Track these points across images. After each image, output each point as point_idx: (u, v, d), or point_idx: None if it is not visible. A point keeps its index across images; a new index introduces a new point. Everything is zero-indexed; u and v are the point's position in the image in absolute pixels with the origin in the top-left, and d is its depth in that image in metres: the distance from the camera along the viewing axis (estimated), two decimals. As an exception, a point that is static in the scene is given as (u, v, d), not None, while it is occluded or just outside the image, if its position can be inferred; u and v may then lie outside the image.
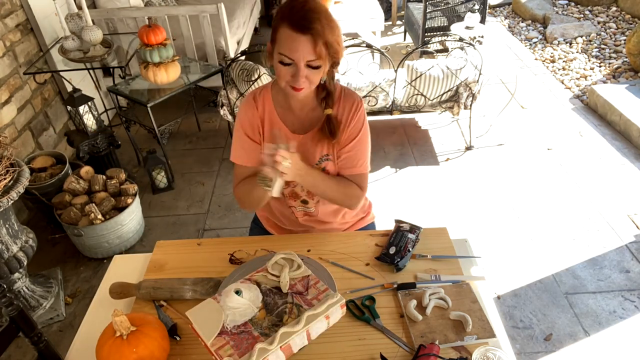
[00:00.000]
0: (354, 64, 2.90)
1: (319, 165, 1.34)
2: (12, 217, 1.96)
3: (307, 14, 1.11)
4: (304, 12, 1.11)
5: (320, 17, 1.12)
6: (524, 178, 2.95)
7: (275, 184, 1.11)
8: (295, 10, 1.12)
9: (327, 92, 1.28)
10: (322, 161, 1.34)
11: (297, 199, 1.44)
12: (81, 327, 1.20)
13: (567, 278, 2.29)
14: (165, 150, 3.01)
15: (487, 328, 1.10)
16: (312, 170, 1.27)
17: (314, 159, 1.33)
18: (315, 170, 1.30)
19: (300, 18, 1.11)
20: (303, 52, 1.12)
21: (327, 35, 1.12)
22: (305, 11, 1.11)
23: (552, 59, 4.32)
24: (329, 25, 1.13)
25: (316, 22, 1.11)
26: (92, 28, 2.83)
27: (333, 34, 1.14)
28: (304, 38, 1.11)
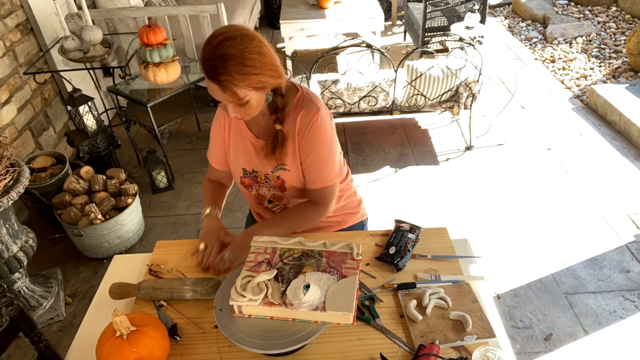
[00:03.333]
0: (354, 64, 2.90)
1: (274, 173, 1.35)
2: (12, 217, 1.96)
3: (215, 64, 1.07)
4: (212, 60, 1.07)
5: (228, 65, 1.07)
6: (524, 178, 2.95)
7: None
8: (206, 58, 1.08)
9: (275, 108, 1.26)
10: (276, 170, 1.35)
11: (264, 200, 1.47)
12: (81, 327, 1.20)
13: (567, 278, 2.29)
14: (165, 150, 3.01)
15: (487, 328, 1.10)
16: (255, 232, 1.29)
17: (269, 167, 1.35)
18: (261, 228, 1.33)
19: (209, 68, 1.08)
20: (219, 96, 1.13)
21: (238, 83, 1.09)
22: (214, 60, 1.07)
23: (552, 59, 4.32)
24: (240, 72, 1.08)
25: (223, 73, 1.07)
26: (92, 28, 2.83)
27: (246, 79, 1.09)
28: (216, 86, 1.10)
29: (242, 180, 1.43)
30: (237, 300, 1.02)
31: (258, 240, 1.19)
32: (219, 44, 1.07)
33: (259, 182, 1.41)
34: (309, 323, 1.03)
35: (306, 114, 1.25)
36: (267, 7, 5.50)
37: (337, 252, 1.15)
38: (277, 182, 1.37)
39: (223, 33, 1.09)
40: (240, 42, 1.08)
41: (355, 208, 1.58)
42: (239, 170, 1.42)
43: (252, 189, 1.44)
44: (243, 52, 1.08)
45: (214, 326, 1.15)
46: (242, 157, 1.38)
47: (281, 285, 1.06)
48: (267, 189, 1.41)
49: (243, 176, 1.42)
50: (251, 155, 1.36)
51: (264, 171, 1.37)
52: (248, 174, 1.41)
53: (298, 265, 1.11)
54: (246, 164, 1.39)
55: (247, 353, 1.06)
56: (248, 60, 1.08)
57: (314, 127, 1.26)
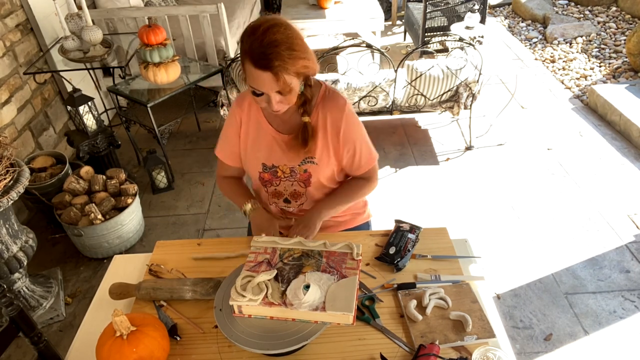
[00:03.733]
0: (354, 64, 2.90)
1: (301, 166, 1.35)
2: (12, 217, 1.96)
3: (266, 50, 1.07)
4: (262, 48, 1.07)
5: (279, 50, 1.08)
6: (524, 178, 2.95)
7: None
8: (255, 47, 1.08)
9: (305, 100, 1.27)
10: (304, 163, 1.35)
11: (279, 198, 1.45)
12: (81, 327, 1.20)
13: (567, 278, 2.29)
14: (165, 150, 3.01)
15: (487, 328, 1.10)
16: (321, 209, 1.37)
17: (296, 160, 1.34)
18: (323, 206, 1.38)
19: (259, 56, 1.08)
20: (269, 86, 1.13)
21: (289, 68, 1.10)
22: (264, 47, 1.07)
23: (552, 59, 4.32)
24: (291, 56, 1.09)
25: (276, 59, 1.08)
26: (92, 28, 2.83)
27: (296, 63, 1.11)
28: (267, 74, 1.10)
29: (261, 176, 1.41)
30: (237, 300, 1.02)
31: (258, 240, 1.19)
32: (265, 32, 1.08)
33: (279, 177, 1.39)
34: (309, 323, 1.03)
35: (336, 107, 1.29)
36: (267, 7, 5.50)
37: (337, 252, 1.15)
38: (303, 176, 1.37)
39: (266, 21, 1.10)
40: (286, 28, 1.10)
41: (361, 208, 1.59)
42: (258, 165, 1.39)
43: (270, 185, 1.43)
44: (290, 37, 1.10)
45: (214, 326, 1.15)
46: (263, 152, 1.37)
47: (281, 285, 1.06)
48: (290, 184, 1.40)
49: (262, 171, 1.40)
50: (273, 150, 1.35)
51: (289, 164, 1.36)
52: (268, 169, 1.39)
53: (298, 265, 1.11)
54: (266, 159, 1.37)
55: (247, 353, 1.06)
56: (295, 45, 1.10)
57: (348, 117, 1.30)
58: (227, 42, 3.47)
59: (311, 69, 1.17)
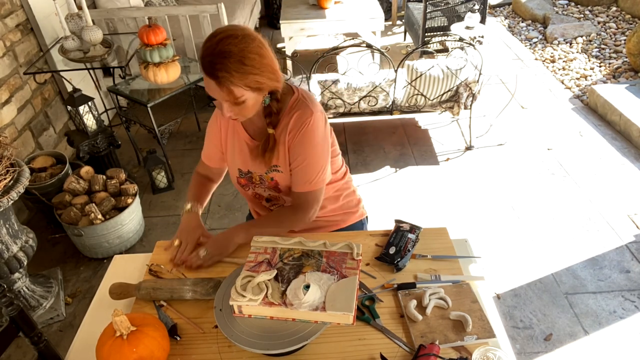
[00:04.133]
0: (354, 64, 2.90)
1: (268, 174, 1.35)
2: (12, 217, 1.96)
3: (214, 59, 1.07)
4: (212, 56, 1.07)
5: (227, 62, 1.07)
6: (524, 178, 2.95)
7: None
8: (206, 54, 1.08)
9: (270, 112, 1.26)
10: (270, 171, 1.35)
11: (261, 199, 1.47)
12: (81, 327, 1.20)
13: (567, 278, 2.29)
14: (165, 150, 3.01)
15: (487, 328, 1.10)
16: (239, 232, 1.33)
17: (263, 168, 1.35)
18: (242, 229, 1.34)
19: (208, 63, 1.08)
20: (215, 93, 1.13)
21: (235, 81, 1.08)
22: (214, 56, 1.07)
23: (552, 59, 4.32)
24: (238, 70, 1.08)
25: (221, 70, 1.07)
26: (92, 28, 2.83)
27: (244, 77, 1.09)
28: (213, 82, 1.10)
29: (239, 181, 1.44)
30: (237, 300, 1.02)
31: (258, 240, 1.19)
32: (219, 41, 1.08)
33: (254, 182, 1.41)
34: (309, 323, 1.03)
35: (299, 117, 1.25)
36: (267, 7, 5.50)
37: (337, 252, 1.15)
38: (271, 184, 1.38)
39: (225, 31, 1.10)
40: (242, 41, 1.08)
41: (354, 207, 1.58)
42: (235, 170, 1.42)
43: (248, 189, 1.45)
44: (243, 50, 1.08)
45: (214, 326, 1.15)
46: (238, 157, 1.39)
47: (281, 285, 1.06)
48: (263, 189, 1.42)
49: (239, 176, 1.43)
50: (246, 156, 1.37)
51: (258, 172, 1.37)
52: (244, 175, 1.41)
53: (298, 265, 1.11)
54: (242, 164, 1.39)
55: (247, 353, 1.06)
56: (247, 59, 1.08)
57: (304, 131, 1.25)
58: (227, 42, 3.46)
59: (266, 85, 1.15)
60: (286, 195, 1.41)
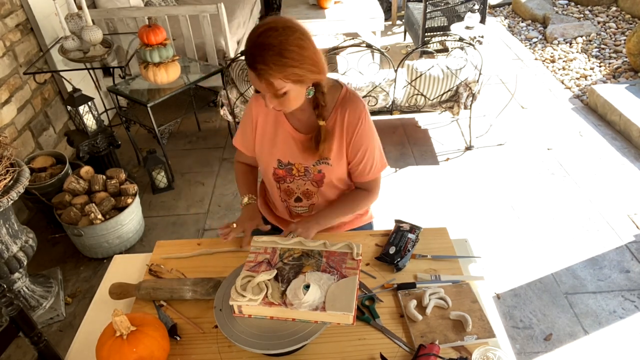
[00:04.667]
0: (354, 64, 2.90)
1: (316, 167, 1.35)
2: (12, 217, 1.96)
3: (255, 52, 1.09)
4: (252, 49, 1.09)
5: (265, 54, 1.08)
6: (524, 178, 2.95)
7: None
8: (248, 46, 1.10)
9: (317, 104, 1.26)
10: (318, 164, 1.35)
11: (291, 196, 1.45)
12: (81, 327, 1.20)
13: (567, 278, 2.29)
14: (165, 150, 3.01)
15: (487, 328, 1.10)
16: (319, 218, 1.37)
17: (311, 160, 1.34)
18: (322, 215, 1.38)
19: (249, 56, 1.10)
20: (257, 84, 1.15)
21: (273, 73, 1.09)
22: (254, 48, 1.09)
23: (552, 59, 4.32)
24: (277, 63, 1.08)
25: (260, 62, 1.08)
26: (92, 28, 2.83)
27: (283, 70, 1.09)
28: (254, 74, 1.12)
29: (276, 172, 1.41)
30: (237, 300, 1.02)
31: (258, 240, 1.19)
32: (261, 34, 1.09)
33: (293, 174, 1.39)
34: (309, 323, 1.03)
35: (354, 111, 1.29)
36: (267, 7, 5.50)
37: (337, 252, 1.15)
38: (317, 176, 1.37)
39: (267, 23, 1.11)
40: (282, 33, 1.09)
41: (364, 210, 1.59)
42: (274, 161, 1.39)
43: (283, 182, 1.43)
44: (282, 43, 1.09)
45: (214, 326, 1.15)
46: (280, 148, 1.37)
47: (281, 285, 1.06)
48: (303, 182, 1.40)
49: (277, 167, 1.40)
50: (289, 147, 1.35)
51: (304, 164, 1.36)
52: (283, 166, 1.39)
53: (298, 265, 1.11)
54: (282, 155, 1.37)
55: (247, 353, 1.06)
56: (287, 51, 1.09)
57: (363, 124, 1.30)
58: (227, 42, 3.47)
59: (307, 77, 1.16)
60: (325, 191, 1.41)
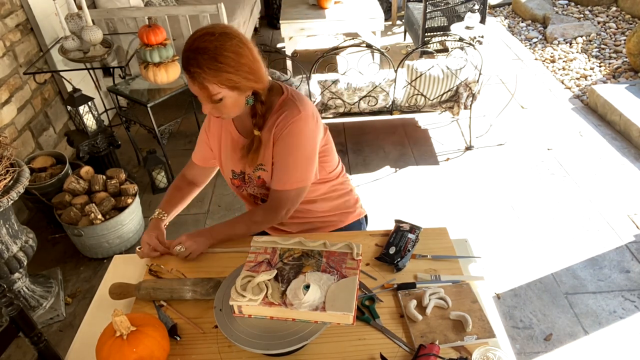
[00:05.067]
0: (354, 64, 2.90)
1: (255, 173, 1.35)
2: (12, 217, 1.96)
3: (190, 55, 1.09)
4: (188, 52, 1.10)
5: (200, 58, 1.08)
6: (524, 178, 2.95)
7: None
8: (185, 49, 1.11)
9: (254, 113, 1.26)
10: (256, 170, 1.35)
11: (256, 199, 1.46)
12: (81, 327, 1.20)
13: (567, 278, 2.29)
14: (165, 150, 3.01)
15: (487, 328, 1.10)
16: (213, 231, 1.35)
17: (251, 166, 1.35)
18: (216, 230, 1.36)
19: (184, 59, 1.11)
20: (191, 88, 1.15)
21: (207, 77, 1.09)
22: (190, 51, 1.10)
23: (552, 59, 4.32)
24: (211, 67, 1.08)
25: (194, 65, 1.09)
26: (92, 28, 2.83)
27: (217, 75, 1.09)
28: (188, 76, 1.12)
29: (233, 182, 1.44)
30: (237, 300, 1.02)
31: (258, 240, 1.19)
32: (197, 38, 1.10)
33: (247, 182, 1.41)
34: (309, 323, 1.03)
35: (285, 116, 1.24)
36: (267, 7, 5.50)
37: (337, 252, 1.15)
38: (258, 182, 1.38)
39: (206, 29, 1.12)
40: (218, 39, 1.10)
41: (351, 207, 1.57)
42: (229, 172, 1.42)
43: (243, 190, 1.45)
44: (218, 48, 1.09)
45: (214, 326, 1.15)
46: (231, 158, 1.39)
47: (281, 285, 1.06)
48: (253, 188, 1.41)
49: (232, 178, 1.43)
50: (235, 153, 1.37)
51: (246, 171, 1.38)
52: (237, 176, 1.41)
53: (298, 265, 1.11)
54: (235, 165, 1.39)
55: (247, 353, 1.06)
56: (222, 57, 1.09)
57: (289, 130, 1.24)
58: (227, 42, 3.46)
59: (243, 84, 1.14)
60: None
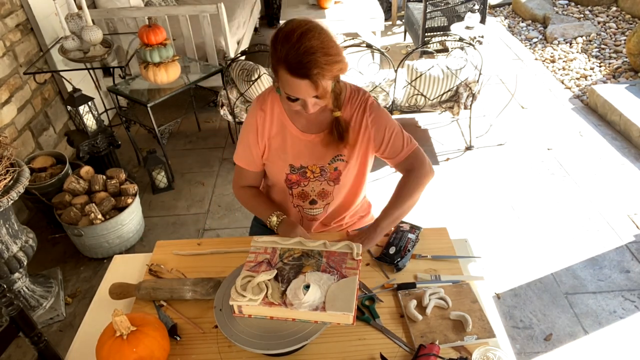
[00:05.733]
0: (354, 64, 2.90)
1: (331, 165, 1.34)
2: (12, 217, 1.96)
3: (303, 59, 1.05)
4: (299, 56, 1.05)
5: (316, 57, 1.05)
6: (524, 178, 2.95)
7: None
8: (291, 55, 1.05)
9: (334, 95, 1.24)
10: (334, 161, 1.33)
11: (305, 199, 1.42)
12: (81, 327, 1.20)
13: (567, 278, 2.29)
14: (165, 150, 3.01)
15: (487, 328, 1.10)
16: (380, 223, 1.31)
17: (326, 159, 1.33)
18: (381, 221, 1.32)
19: (297, 65, 1.06)
20: (306, 93, 1.12)
21: (326, 74, 1.09)
22: (301, 55, 1.05)
23: (552, 59, 4.32)
24: (328, 62, 1.07)
25: (314, 67, 1.05)
26: (92, 28, 2.83)
27: (332, 68, 1.09)
28: (305, 82, 1.08)
29: (289, 178, 1.37)
30: (237, 300, 1.02)
31: (258, 240, 1.19)
32: (300, 38, 1.06)
33: (308, 177, 1.37)
34: (309, 323, 1.03)
35: (361, 100, 1.30)
36: (267, 7, 5.50)
37: (337, 252, 1.15)
38: (333, 174, 1.36)
39: (298, 27, 1.07)
40: (320, 32, 1.08)
41: (365, 210, 1.60)
42: (285, 167, 1.35)
43: (297, 187, 1.39)
44: (324, 41, 1.08)
45: (214, 326, 1.15)
46: (291, 153, 1.34)
47: (281, 285, 1.06)
48: (319, 183, 1.37)
49: (290, 173, 1.36)
50: (300, 150, 1.33)
51: (319, 164, 1.34)
52: (296, 170, 1.36)
53: (298, 265, 1.11)
54: (294, 160, 1.34)
55: (247, 353, 1.06)
56: (330, 49, 1.08)
57: (374, 108, 1.30)
58: (227, 42, 3.47)
59: (344, 69, 1.15)
60: (341, 189, 1.39)
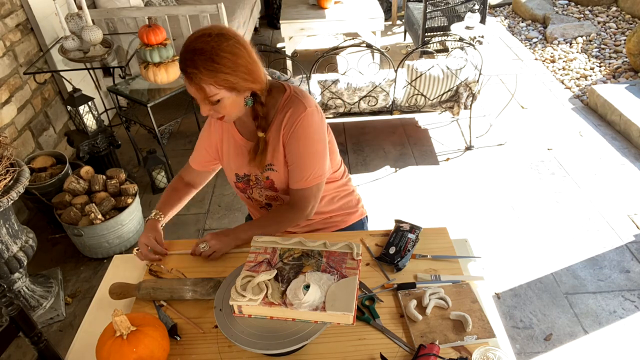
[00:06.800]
0: (354, 64, 2.90)
1: (264, 174, 1.35)
2: (12, 217, 1.96)
3: (187, 56, 1.10)
4: (185, 53, 1.11)
5: (197, 59, 1.09)
6: (524, 178, 2.95)
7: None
8: (182, 51, 1.12)
9: (256, 115, 1.25)
10: (265, 170, 1.34)
11: (259, 204, 1.46)
12: (81, 327, 1.20)
13: (567, 278, 2.29)
14: (165, 150, 3.01)
15: (487, 328, 1.10)
16: (238, 231, 1.35)
17: (260, 168, 1.34)
18: (241, 233, 1.34)
19: (181, 59, 1.11)
20: (190, 89, 1.15)
21: (204, 78, 1.10)
22: (187, 52, 1.10)
23: (552, 59, 4.32)
24: (207, 68, 1.09)
25: (190, 65, 1.09)
26: (92, 28, 2.83)
27: (214, 75, 1.10)
28: (186, 77, 1.12)
29: (237, 185, 1.44)
30: (237, 300, 1.02)
31: (258, 240, 1.19)
32: (194, 39, 1.11)
33: (251, 185, 1.41)
34: (309, 323, 1.03)
35: (292, 114, 1.24)
36: (267, 7, 5.50)
37: (337, 252, 1.15)
38: (267, 183, 1.37)
39: (203, 30, 1.12)
40: (215, 39, 1.10)
41: (353, 207, 1.58)
42: (233, 175, 1.42)
43: (247, 193, 1.45)
44: (215, 48, 1.09)
45: (214, 326, 1.15)
46: (234, 161, 1.39)
47: (281, 285, 1.06)
48: (259, 190, 1.41)
49: (236, 181, 1.43)
50: (240, 157, 1.36)
51: (254, 172, 1.37)
52: (241, 179, 1.41)
53: (298, 265, 1.11)
54: (238, 168, 1.39)
55: (247, 353, 1.06)
56: (218, 57, 1.09)
57: (298, 126, 1.24)
58: (227, 42, 3.46)
59: (240, 85, 1.15)
60: (284, 194, 1.40)
